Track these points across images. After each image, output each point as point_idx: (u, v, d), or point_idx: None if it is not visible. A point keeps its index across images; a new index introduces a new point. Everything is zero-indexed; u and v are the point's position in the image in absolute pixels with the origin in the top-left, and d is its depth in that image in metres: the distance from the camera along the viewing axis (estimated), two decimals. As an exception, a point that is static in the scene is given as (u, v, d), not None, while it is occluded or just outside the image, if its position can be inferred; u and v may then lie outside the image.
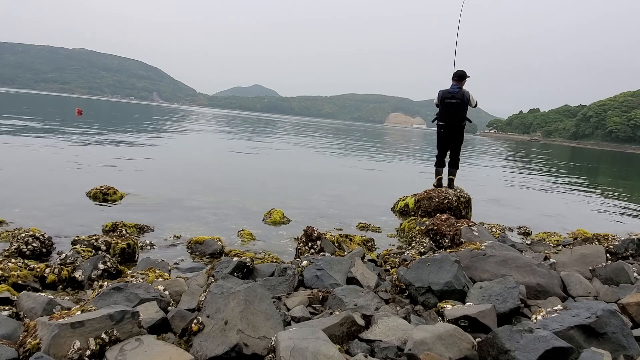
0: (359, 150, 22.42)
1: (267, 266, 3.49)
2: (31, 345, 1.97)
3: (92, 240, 3.99)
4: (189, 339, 2.12)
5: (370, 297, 2.88)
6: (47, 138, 13.75)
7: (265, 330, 2.15)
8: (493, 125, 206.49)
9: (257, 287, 2.36)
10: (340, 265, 3.42)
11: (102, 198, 6.14)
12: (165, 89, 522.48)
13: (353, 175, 11.94)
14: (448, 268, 3.02)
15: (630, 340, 2.23)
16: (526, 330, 2.06)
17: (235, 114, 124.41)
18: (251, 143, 21.01)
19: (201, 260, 4.15)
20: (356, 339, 2.31)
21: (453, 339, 2.13)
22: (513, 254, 3.50)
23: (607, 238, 5.06)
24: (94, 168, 8.82)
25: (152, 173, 9.08)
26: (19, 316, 2.55)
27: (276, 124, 61.89)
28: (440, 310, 2.72)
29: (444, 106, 6.88)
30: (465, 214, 6.74)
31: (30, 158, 9.52)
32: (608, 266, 3.71)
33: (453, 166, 7.20)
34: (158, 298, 2.62)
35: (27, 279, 3.13)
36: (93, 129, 19.87)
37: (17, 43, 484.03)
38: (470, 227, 4.74)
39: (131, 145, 14.28)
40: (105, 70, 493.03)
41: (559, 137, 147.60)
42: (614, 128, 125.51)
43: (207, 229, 5.16)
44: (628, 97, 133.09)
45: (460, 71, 6.89)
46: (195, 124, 38.12)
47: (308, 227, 4.41)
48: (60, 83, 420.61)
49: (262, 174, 10.50)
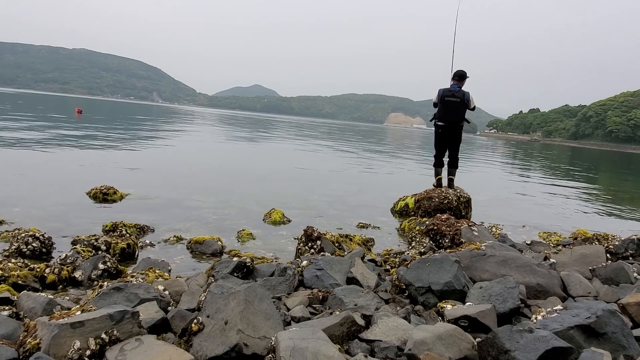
0: (359, 150, 22.41)
1: (267, 266, 3.49)
2: (31, 345, 1.97)
3: (92, 240, 4.00)
4: (189, 339, 2.12)
5: (370, 297, 2.88)
6: (47, 138, 13.74)
7: (265, 330, 2.15)
8: (493, 125, 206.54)
9: (257, 287, 2.36)
10: (340, 265, 3.42)
11: (102, 198, 6.14)
12: (165, 89, 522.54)
13: (353, 175, 11.94)
14: (448, 268, 3.02)
15: (630, 340, 2.23)
16: (526, 330, 2.06)
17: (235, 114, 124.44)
18: (251, 143, 21.01)
19: (201, 260, 4.15)
20: (356, 339, 2.31)
21: (453, 339, 2.13)
22: (513, 254, 3.50)
23: (607, 238, 5.05)
24: (93, 168, 8.82)
25: (152, 173, 9.08)
26: (19, 316, 2.55)
27: (276, 124, 61.90)
28: (440, 310, 2.72)
29: (444, 104, 6.85)
30: (465, 214, 6.73)
31: (30, 158, 9.52)
32: (608, 266, 3.71)
33: (452, 166, 7.19)
34: (158, 298, 2.62)
35: (27, 279, 3.13)
36: (93, 129, 19.87)
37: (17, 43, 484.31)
38: (470, 227, 4.74)
39: (131, 145, 14.28)
40: (105, 70, 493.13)
41: (559, 137, 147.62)
42: (614, 128, 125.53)
43: (207, 229, 5.16)
44: (628, 97, 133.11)
45: (461, 71, 6.89)
46: (196, 124, 38.12)
47: (308, 227, 4.41)
48: (60, 83, 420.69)
49: (262, 174, 10.50)
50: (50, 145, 11.91)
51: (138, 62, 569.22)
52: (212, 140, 21.85)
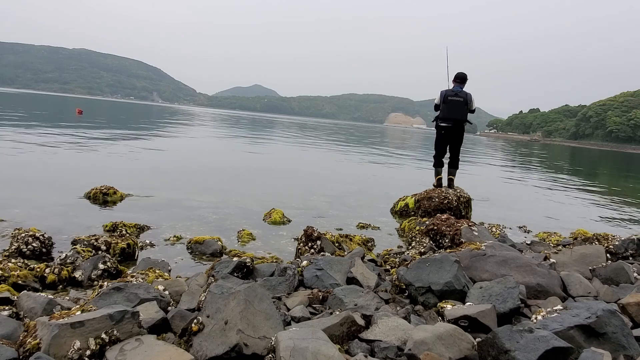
0: (360, 151, 22.41)
1: (267, 266, 3.49)
2: (31, 345, 1.97)
3: (92, 240, 4.00)
4: (189, 339, 2.12)
5: (370, 297, 2.88)
6: (48, 138, 13.74)
7: (265, 330, 2.15)
8: (493, 125, 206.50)
9: (257, 287, 2.36)
10: (340, 265, 3.42)
11: (102, 198, 6.14)
12: (165, 89, 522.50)
13: (353, 175, 11.94)
14: (448, 268, 3.02)
15: (630, 340, 2.23)
16: (526, 330, 2.06)
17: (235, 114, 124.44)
18: (251, 143, 21.01)
19: (201, 260, 4.15)
20: (356, 339, 2.31)
21: (453, 339, 2.13)
22: (513, 254, 3.50)
23: (607, 238, 5.05)
24: (94, 168, 8.82)
25: (152, 173, 9.08)
26: (19, 316, 2.55)
27: (276, 124, 61.90)
28: (440, 310, 2.72)
29: (447, 104, 6.89)
30: (465, 214, 6.74)
31: (30, 158, 9.52)
32: (608, 266, 3.71)
33: (453, 166, 7.21)
34: (158, 298, 2.62)
35: (27, 279, 3.13)
36: (93, 129, 19.87)
37: (17, 43, 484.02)
38: (470, 227, 4.74)
39: (131, 146, 14.27)
40: (105, 70, 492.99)
41: (559, 137, 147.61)
42: (614, 128, 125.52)
43: (207, 229, 5.16)
44: (628, 97, 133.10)
45: (462, 73, 6.99)
46: (196, 124, 38.12)
47: (308, 227, 4.41)
48: (60, 83, 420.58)
49: (261, 174, 10.51)
50: (51, 145, 11.91)
51: (138, 62, 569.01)
52: (212, 140, 21.84)
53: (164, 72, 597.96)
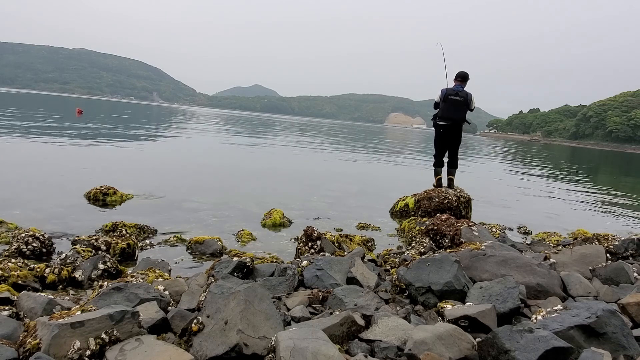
0: (360, 151, 22.41)
1: (267, 266, 3.49)
2: (31, 345, 1.97)
3: (92, 240, 4.00)
4: (189, 339, 2.12)
5: (370, 297, 2.88)
6: (48, 138, 13.74)
7: (265, 330, 2.15)
8: (493, 125, 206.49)
9: (257, 287, 2.36)
10: (340, 265, 3.42)
11: (102, 198, 6.13)
12: (165, 89, 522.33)
13: (353, 175, 11.94)
14: (448, 268, 3.02)
15: (630, 340, 2.23)
16: (526, 330, 2.06)
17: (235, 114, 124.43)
18: (251, 143, 21.01)
19: (201, 260, 4.15)
20: (356, 339, 2.31)
21: (453, 339, 2.13)
22: (513, 254, 3.50)
23: (607, 238, 5.05)
24: (94, 168, 8.81)
25: (152, 173, 9.08)
26: (19, 316, 2.55)
27: (276, 124, 61.88)
28: (440, 310, 2.72)
29: (448, 102, 6.87)
30: (465, 214, 6.74)
31: (30, 158, 9.52)
32: (608, 266, 3.71)
33: (452, 166, 7.20)
34: (158, 298, 2.62)
35: (27, 279, 3.13)
36: (93, 129, 19.87)
37: (17, 43, 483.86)
38: (470, 227, 4.74)
39: (131, 146, 14.27)
40: (105, 70, 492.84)
41: (559, 137, 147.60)
42: (614, 128, 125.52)
43: (207, 229, 5.16)
44: (628, 97, 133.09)
45: (463, 72, 6.97)
46: (196, 124, 38.11)
47: (308, 227, 4.41)
48: (60, 83, 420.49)
49: (261, 175, 10.50)
50: (51, 146, 11.91)
51: (138, 62, 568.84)
52: (212, 140, 21.84)
53: (164, 72, 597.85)
